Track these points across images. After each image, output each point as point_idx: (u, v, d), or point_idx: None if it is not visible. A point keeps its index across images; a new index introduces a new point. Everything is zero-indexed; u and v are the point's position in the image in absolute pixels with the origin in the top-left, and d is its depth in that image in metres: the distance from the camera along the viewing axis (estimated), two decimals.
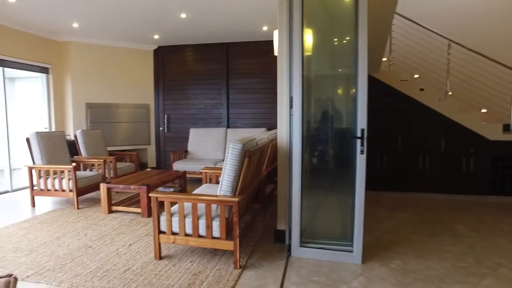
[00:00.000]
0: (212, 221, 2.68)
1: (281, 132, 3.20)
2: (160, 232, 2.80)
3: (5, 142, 5.56)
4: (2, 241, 3.30)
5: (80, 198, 4.90)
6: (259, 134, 3.73)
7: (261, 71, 6.53)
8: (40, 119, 6.37)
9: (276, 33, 3.66)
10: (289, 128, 3.10)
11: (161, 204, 2.76)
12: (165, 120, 7.05)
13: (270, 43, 6.41)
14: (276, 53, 3.59)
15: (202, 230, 2.70)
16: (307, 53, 3.03)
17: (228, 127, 6.69)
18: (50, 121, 6.25)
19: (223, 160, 6.20)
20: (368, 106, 2.74)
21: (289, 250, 3.03)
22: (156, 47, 6.98)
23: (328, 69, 3.26)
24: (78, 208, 4.39)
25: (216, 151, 6.33)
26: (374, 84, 4.87)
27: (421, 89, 5.09)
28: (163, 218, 2.77)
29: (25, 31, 5.65)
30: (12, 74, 7.84)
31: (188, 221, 2.72)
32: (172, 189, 4.58)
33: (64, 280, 2.52)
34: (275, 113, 6.46)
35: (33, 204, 4.58)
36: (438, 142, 4.97)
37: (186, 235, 2.75)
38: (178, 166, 5.89)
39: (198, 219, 2.70)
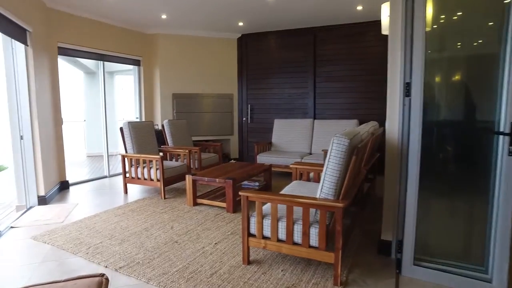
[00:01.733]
0: (310, 227, 2.29)
1: (391, 125, 2.66)
2: (250, 235, 2.52)
3: (104, 131, 5.93)
4: (101, 227, 3.40)
5: (167, 188, 4.96)
6: (361, 127, 3.22)
7: (353, 57, 5.89)
8: (133, 110, 6.70)
9: (385, 7, 3.08)
10: (401, 120, 2.55)
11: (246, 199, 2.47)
12: (248, 110, 6.86)
13: (364, 25, 5.74)
14: (384, 31, 3.01)
15: (297, 237, 2.34)
16: (427, 28, 2.43)
17: (314, 118, 6.22)
18: (140, 111, 6.52)
19: (310, 153, 5.78)
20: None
21: (398, 267, 2.51)
22: (239, 35, 6.80)
23: (458, 47, 2.60)
24: (164, 198, 4.41)
25: (302, 143, 5.92)
26: None
27: None
28: (254, 220, 2.48)
29: (120, 26, 5.90)
30: (112, 68, 8.48)
31: (282, 226, 2.38)
32: (257, 184, 4.33)
33: (152, 277, 2.39)
34: (368, 103, 5.83)
35: (126, 191, 4.76)
36: None
37: (279, 240, 2.42)
38: (262, 158, 5.64)
39: (293, 224, 2.34)
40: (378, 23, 5.62)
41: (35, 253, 2.86)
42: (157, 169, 4.38)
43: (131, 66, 6.48)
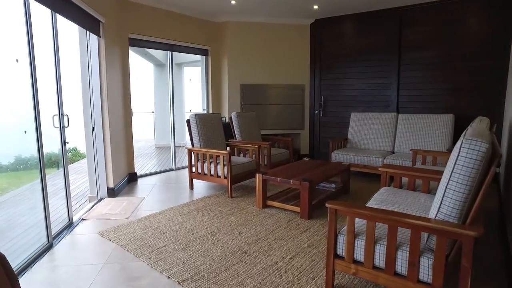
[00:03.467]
0: (420, 257, 1.74)
1: None
2: (336, 256, 2.03)
3: (171, 123, 5.85)
4: (165, 227, 3.19)
5: (234, 185, 4.66)
6: (475, 125, 2.51)
7: (445, 40, 4.96)
8: (200, 101, 6.56)
9: None
10: None
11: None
12: (321, 102, 6.27)
13: (461, 1, 4.78)
14: None
15: (401, 267, 1.80)
16: None
17: (397, 112, 5.43)
18: (208, 103, 6.33)
19: (393, 152, 5.06)
20: None
21: None
22: (313, 20, 6.22)
23: None
24: (231, 197, 4.10)
25: (383, 141, 5.19)
26: None
27: None
28: (342, 239, 1.99)
29: (189, 15, 5.72)
30: (181, 59, 8.50)
31: (380, 250, 1.86)
32: (333, 186, 3.81)
33: None
34: (465, 95, 4.88)
35: (191, 187, 4.56)
36: None
37: (375, 268, 1.90)
38: (337, 156, 5.06)
39: (396, 249, 1.80)
40: None
41: (100, 252, 2.72)
42: (224, 165, 4.09)
43: (199, 57, 6.31)
